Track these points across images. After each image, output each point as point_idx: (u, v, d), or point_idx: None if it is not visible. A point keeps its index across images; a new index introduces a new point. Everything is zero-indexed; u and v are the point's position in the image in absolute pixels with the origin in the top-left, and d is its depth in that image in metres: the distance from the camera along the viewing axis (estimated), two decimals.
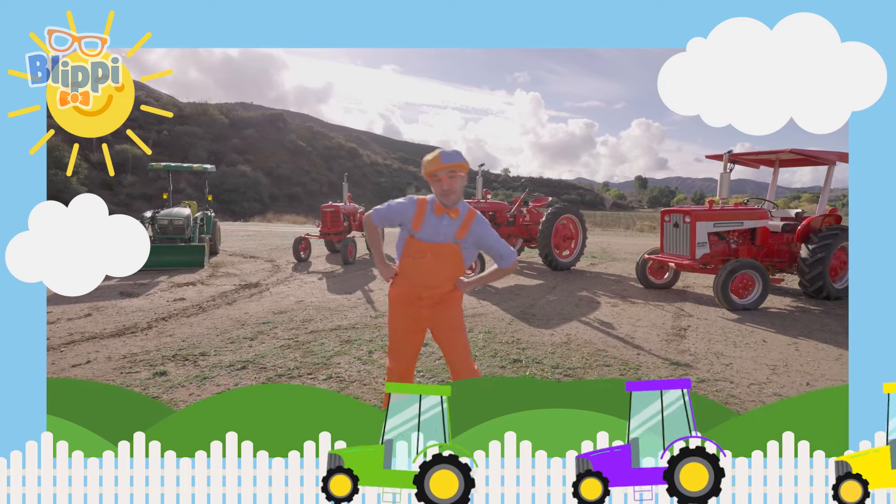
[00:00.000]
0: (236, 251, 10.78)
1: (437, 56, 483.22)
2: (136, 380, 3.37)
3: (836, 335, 4.77)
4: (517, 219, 8.91)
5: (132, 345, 4.17)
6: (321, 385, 3.32)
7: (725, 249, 6.33)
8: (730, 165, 6.38)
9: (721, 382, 3.48)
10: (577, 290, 6.85)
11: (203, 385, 3.30)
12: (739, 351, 4.22)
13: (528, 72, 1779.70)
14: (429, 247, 2.17)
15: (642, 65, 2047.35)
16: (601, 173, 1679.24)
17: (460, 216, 2.20)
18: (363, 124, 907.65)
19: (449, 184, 2.10)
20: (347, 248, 8.90)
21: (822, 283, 6.01)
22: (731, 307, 5.63)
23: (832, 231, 6.08)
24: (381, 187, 68.72)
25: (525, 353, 4.03)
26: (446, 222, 2.18)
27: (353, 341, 4.30)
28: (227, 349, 4.06)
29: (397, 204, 2.26)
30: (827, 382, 3.52)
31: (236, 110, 76.65)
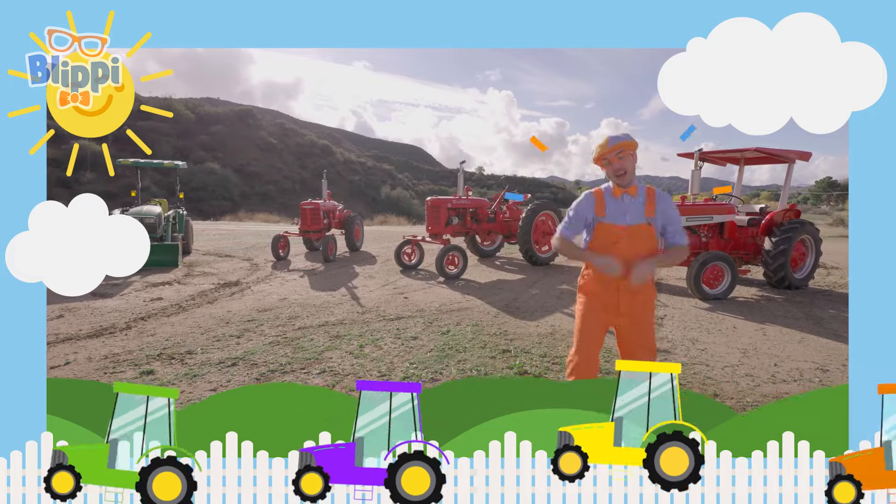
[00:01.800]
0: (210, 250, 10.48)
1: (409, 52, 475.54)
2: (121, 380, 3.28)
3: (798, 320, 5.13)
4: (497, 215, 9.06)
5: (112, 345, 4.04)
6: (315, 380, 3.33)
7: (696, 243, 6.66)
8: (700, 163, 6.71)
9: (697, 366, 3.70)
10: (558, 284, 7.05)
11: (194, 382, 3.25)
12: (713, 337, 4.48)
13: (500, 70, 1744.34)
14: (622, 230, 2.17)
15: (610, 64, 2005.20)
16: (573, 171, 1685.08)
17: (640, 194, 2.21)
18: (334, 121, 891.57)
19: (619, 164, 2.15)
20: (328, 245, 8.82)
21: (784, 273, 6.41)
22: (703, 297, 5.94)
23: (793, 225, 6.49)
24: (356, 185, 67.88)
25: (513, 344, 4.15)
26: (628, 201, 2.21)
27: (343, 336, 4.31)
28: (214, 347, 4.00)
29: (575, 205, 2.31)
30: (792, 363, 3.80)
31: (203, 105, 73.98)
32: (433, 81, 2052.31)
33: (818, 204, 35.14)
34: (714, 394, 3.17)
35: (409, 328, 4.58)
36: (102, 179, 42.02)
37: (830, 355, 4.01)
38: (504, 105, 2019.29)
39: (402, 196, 67.44)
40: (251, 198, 52.45)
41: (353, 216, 10.43)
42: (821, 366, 3.76)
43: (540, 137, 25.65)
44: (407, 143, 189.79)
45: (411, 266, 8.10)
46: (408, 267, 8.07)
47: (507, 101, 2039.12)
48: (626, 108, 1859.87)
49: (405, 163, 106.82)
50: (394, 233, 16.18)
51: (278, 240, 9.02)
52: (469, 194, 8.89)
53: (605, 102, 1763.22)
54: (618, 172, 2.18)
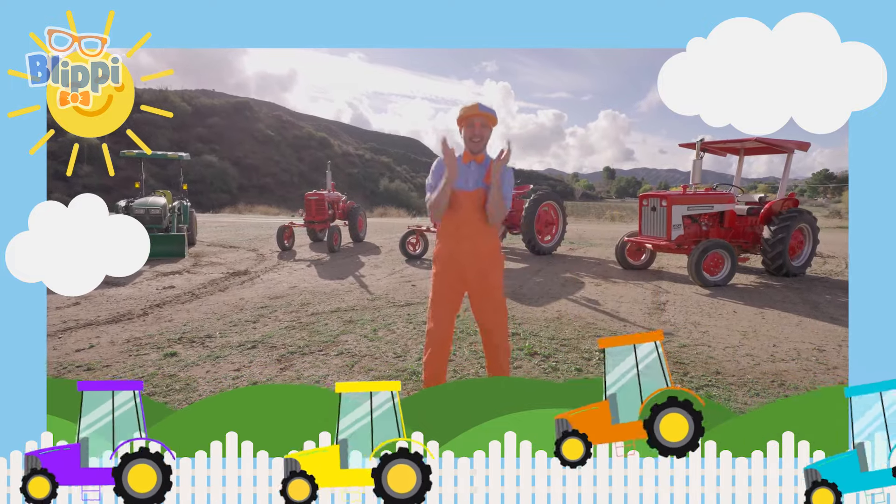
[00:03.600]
0: (214, 242, 10.57)
1: None
2: (147, 361, 3.40)
3: (796, 305, 5.28)
4: None
5: (132, 330, 4.16)
6: (334, 360, 3.45)
7: (697, 231, 6.79)
8: (701, 153, 6.83)
9: (700, 347, 3.84)
10: (561, 272, 7.18)
11: (217, 363, 3.37)
12: (713, 320, 4.63)
13: (497, 62, 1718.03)
14: (465, 195, 2.36)
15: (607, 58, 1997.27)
16: (570, 164, 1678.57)
17: (485, 164, 2.38)
18: (331, 113, 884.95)
19: (480, 131, 2.33)
20: (333, 235, 8.91)
21: (782, 261, 6.57)
22: (704, 283, 6.09)
23: (791, 214, 6.63)
24: (355, 178, 67.67)
25: (522, 328, 4.28)
26: (474, 168, 2.37)
27: (356, 321, 4.43)
28: (232, 331, 4.11)
29: (432, 170, 2.44)
30: (790, 344, 3.95)
31: (199, 98, 73.32)
32: (429, 73, 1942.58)
33: (815, 196, 35.38)
34: (716, 371, 3.31)
35: (420, 314, 4.71)
36: (98, 173, 41.75)
37: (827, 337, 4.17)
38: (501, 97, 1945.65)
39: (401, 189, 67.34)
40: (249, 190, 52.31)
41: (357, 207, 10.52)
42: (818, 346, 3.91)
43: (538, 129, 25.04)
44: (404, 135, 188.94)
45: (416, 256, 8.22)
46: (412, 256, 8.19)
47: (505, 93, 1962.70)
48: (623, 101, 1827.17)
49: (403, 155, 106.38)
50: (394, 224, 16.28)
51: (283, 230, 9.11)
52: None
53: (602, 95, 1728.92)
54: (474, 138, 2.33)
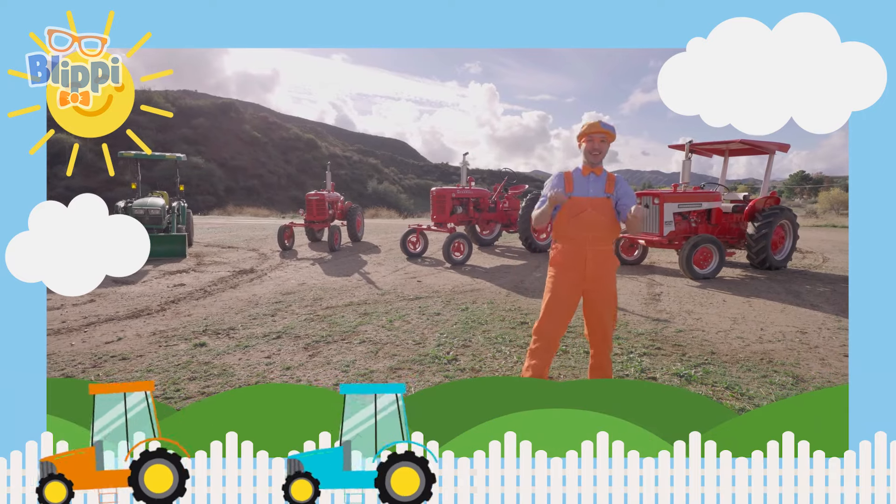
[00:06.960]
0: (211, 243, 10.61)
1: None
2: (178, 350, 3.55)
3: (780, 294, 5.67)
4: (498, 205, 9.45)
5: (155, 324, 4.29)
6: (359, 347, 3.66)
7: (687, 228, 7.17)
8: (689, 154, 7.21)
9: (695, 331, 4.16)
10: None
11: (247, 352, 3.54)
12: (705, 309, 4.96)
13: (480, 63, 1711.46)
14: (587, 201, 2.47)
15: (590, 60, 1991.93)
16: (556, 166, 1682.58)
17: (603, 176, 2.51)
18: (314, 115, 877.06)
19: (599, 146, 2.46)
20: (333, 235, 9.07)
21: (765, 255, 6.98)
22: (694, 276, 6.46)
23: (773, 211, 7.05)
24: (342, 180, 67.38)
25: (529, 317, 4.54)
26: (593, 179, 2.50)
27: (371, 314, 4.63)
28: (253, 324, 4.28)
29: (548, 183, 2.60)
30: (776, 328, 4.29)
31: (183, 98, 72.24)
32: (413, 75, 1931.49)
33: (791, 197, 36.64)
34: (711, 352, 3.62)
35: (431, 306, 4.94)
36: (83, 174, 40.90)
37: (808, 321, 4.53)
38: (486, 99, 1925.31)
39: (390, 190, 67.33)
40: (236, 192, 51.76)
41: (355, 207, 10.69)
42: (800, 329, 4.26)
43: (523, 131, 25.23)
44: (389, 136, 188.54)
45: (416, 254, 8.43)
46: (413, 255, 8.40)
47: (489, 95, 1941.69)
48: (606, 103, 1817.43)
49: (390, 157, 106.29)
50: (389, 225, 16.45)
51: (284, 230, 9.23)
52: (472, 184, 9.25)
53: (586, 97, 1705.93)
54: (593, 152, 2.49)
